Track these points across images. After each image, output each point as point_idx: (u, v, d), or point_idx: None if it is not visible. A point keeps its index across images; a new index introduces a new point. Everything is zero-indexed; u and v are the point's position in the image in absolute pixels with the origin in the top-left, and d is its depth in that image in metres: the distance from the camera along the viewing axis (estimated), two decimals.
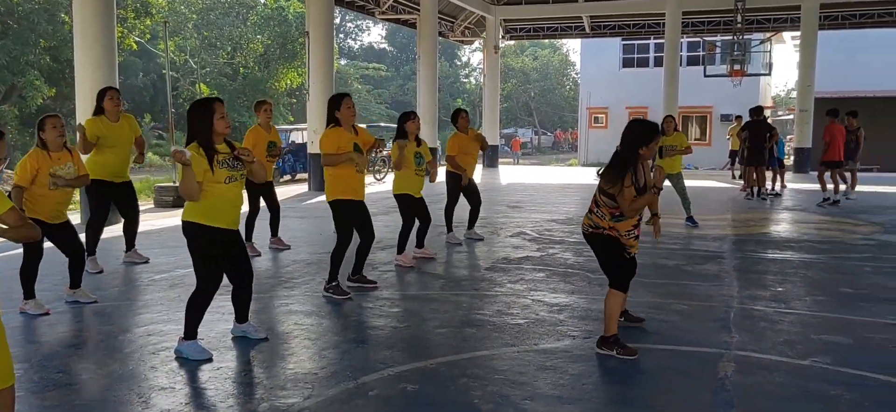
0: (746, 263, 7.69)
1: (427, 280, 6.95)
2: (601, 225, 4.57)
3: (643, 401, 3.96)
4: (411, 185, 7.42)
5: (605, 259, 4.67)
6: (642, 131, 4.49)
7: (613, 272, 4.60)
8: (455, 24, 27.18)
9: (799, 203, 13.58)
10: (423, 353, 4.67)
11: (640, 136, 4.46)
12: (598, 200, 4.57)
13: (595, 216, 4.60)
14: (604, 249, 4.63)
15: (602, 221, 4.56)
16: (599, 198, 4.55)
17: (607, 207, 4.51)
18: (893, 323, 5.36)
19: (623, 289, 4.59)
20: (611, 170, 4.47)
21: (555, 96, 60.02)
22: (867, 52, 30.07)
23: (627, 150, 4.46)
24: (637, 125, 4.57)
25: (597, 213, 4.58)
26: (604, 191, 4.50)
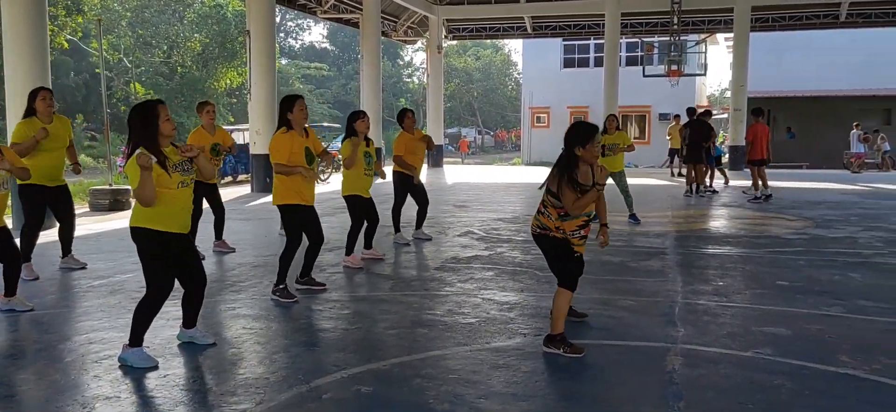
0: (688, 259, 7.90)
1: (376, 281, 6.91)
2: (549, 226, 4.62)
3: (595, 396, 4.02)
4: (360, 186, 7.38)
5: (553, 259, 4.72)
6: (577, 132, 4.53)
7: (562, 271, 4.66)
8: (398, 24, 27.12)
9: (736, 199, 14.01)
10: (375, 355, 4.64)
11: (575, 137, 4.50)
12: (545, 201, 4.62)
13: (543, 217, 4.65)
14: (552, 250, 4.68)
15: (549, 222, 4.61)
16: (547, 198, 4.61)
17: (554, 208, 4.57)
18: (827, 313, 5.58)
19: (572, 288, 4.64)
20: (554, 170, 4.54)
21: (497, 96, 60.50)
22: (795, 53, 31.28)
23: (567, 153, 4.53)
24: (574, 127, 4.62)
25: (545, 214, 4.63)
26: (550, 191, 4.56)
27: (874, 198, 14.41)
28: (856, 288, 6.46)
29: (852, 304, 5.84)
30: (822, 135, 27.42)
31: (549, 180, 4.60)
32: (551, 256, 4.72)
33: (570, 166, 4.48)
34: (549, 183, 4.59)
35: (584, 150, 4.47)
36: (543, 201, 4.65)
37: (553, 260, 4.72)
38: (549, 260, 4.77)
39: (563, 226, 4.58)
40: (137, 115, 4.34)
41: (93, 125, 35.51)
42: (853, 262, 7.59)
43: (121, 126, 35.32)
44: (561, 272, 4.66)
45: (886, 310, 5.71)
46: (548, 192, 4.58)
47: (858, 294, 6.21)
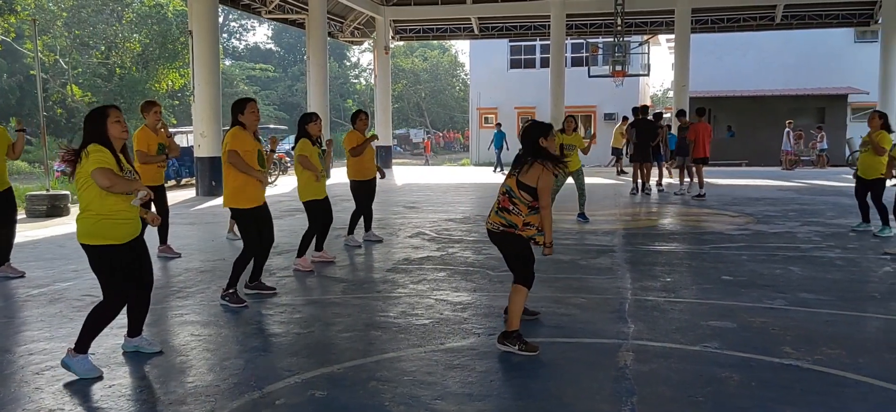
0: (637, 256, 8.04)
1: (328, 284, 6.84)
2: (516, 222, 4.64)
3: (550, 393, 4.05)
4: (317, 189, 7.33)
5: (512, 257, 4.73)
6: (538, 127, 4.69)
7: (521, 269, 4.68)
8: (344, 25, 26.93)
9: (680, 198, 14.32)
10: (329, 358, 4.59)
11: (537, 131, 4.65)
12: (514, 197, 4.63)
13: (509, 214, 4.66)
14: (512, 247, 4.71)
15: (517, 218, 4.63)
16: (518, 193, 4.61)
17: (524, 203, 4.59)
18: (771, 306, 5.75)
19: (529, 285, 4.68)
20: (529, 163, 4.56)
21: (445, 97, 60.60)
22: (734, 54, 32.20)
23: (532, 146, 4.60)
24: (532, 124, 4.75)
25: (512, 212, 4.64)
26: (522, 185, 4.58)
27: (810, 194, 14.92)
28: (796, 281, 6.67)
29: (794, 297, 6.03)
30: (760, 133, 28.25)
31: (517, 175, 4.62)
32: (510, 254, 4.74)
33: (540, 153, 4.57)
34: (519, 177, 4.60)
35: (547, 142, 4.62)
36: (511, 198, 4.65)
37: (512, 258, 4.74)
38: (507, 258, 4.79)
39: (531, 221, 4.62)
40: (89, 120, 4.30)
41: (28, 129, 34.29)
42: (793, 256, 7.84)
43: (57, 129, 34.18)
44: (519, 270, 4.69)
45: (826, 301, 5.91)
46: (520, 187, 4.60)
47: (799, 287, 6.41)
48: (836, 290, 6.30)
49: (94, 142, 4.19)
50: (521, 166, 4.62)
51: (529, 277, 4.67)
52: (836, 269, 7.19)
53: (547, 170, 4.52)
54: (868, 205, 9.31)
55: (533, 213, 4.62)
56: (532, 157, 4.59)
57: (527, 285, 4.67)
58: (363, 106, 48.88)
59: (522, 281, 4.66)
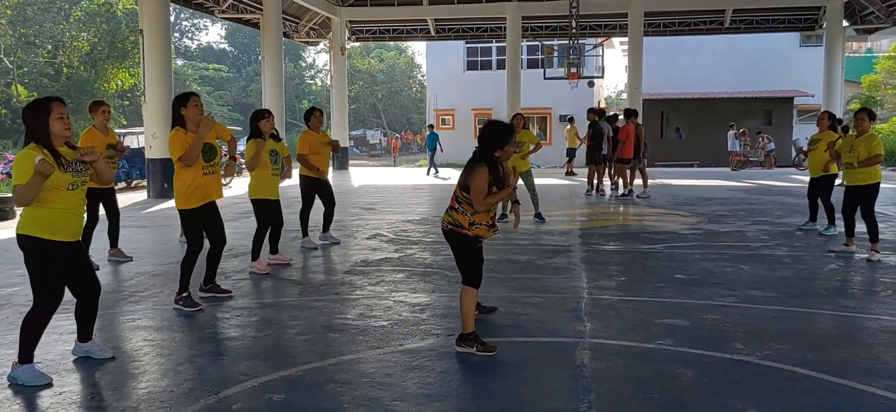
0: (592, 255, 8.15)
1: (284, 286, 6.76)
2: (461, 222, 4.66)
3: (508, 392, 4.08)
4: (268, 188, 7.22)
5: (461, 256, 4.75)
6: (496, 133, 4.64)
7: (468, 269, 4.70)
8: (300, 25, 26.69)
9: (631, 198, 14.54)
10: (286, 362, 4.54)
11: (494, 138, 4.62)
12: (459, 197, 4.66)
13: (456, 213, 4.68)
14: (461, 247, 4.72)
15: (462, 218, 4.65)
16: (460, 194, 4.64)
17: (467, 203, 4.61)
18: (722, 304, 5.88)
19: (476, 285, 4.69)
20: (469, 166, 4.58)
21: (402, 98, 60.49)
22: (685, 57, 32.89)
23: (486, 150, 4.61)
24: (492, 127, 4.71)
25: (458, 210, 4.66)
26: (464, 186, 4.60)
27: (759, 194, 15.31)
28: (746, 279, 6.84)
29: (744, 294, 6.18)
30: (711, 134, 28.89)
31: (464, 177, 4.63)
32: (458, 253, 4.76)
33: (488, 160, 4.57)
34: (464, 179, 4.62)
35: (502, 151, 4.61)
36: (458, 198, 4.67)
37: (459, 257, 4.76)
38: (456, 256, 4.80)
39: (476, 220, 4.64)
40: (28, 112, 4.12)
41: None
42: (743, 255, 8.03)
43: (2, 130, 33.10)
44: (466, 270, 4.70)
45: (774, 298, 6.07)
46: (462, 188, 4.62)
47: (749, 284, 6.58)
48: (783, 288, 6.47)
49: (35, 139, 4.04)
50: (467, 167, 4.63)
51: (476, 277, 4.68)
52: (783, 267, 7.39)
53: (483, 172, 4.51)
54: (817, 204, 9.59)
55: (477, 213, 4.63)
56: (480, 158, 4.59)
57: (474, 285, 4.68)
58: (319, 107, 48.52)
59: (469, 281, 4.68)
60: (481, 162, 4.55)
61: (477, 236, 4.68)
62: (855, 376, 4.18)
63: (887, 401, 3.85)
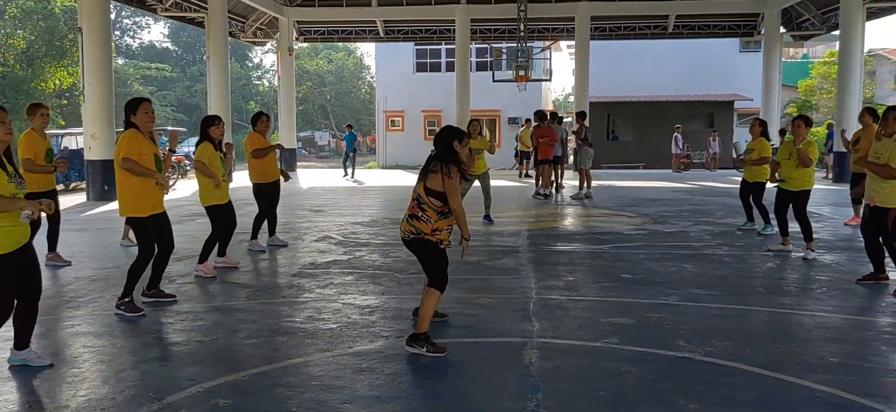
0: (540, 256, 8.24)
1: (231, 289, 6.65)
2: (423, 230, 4.66)
3: (458, 393, 4.09)
4: (219, 193, 7.13)
5: (427, 261, 4.75)
6: (453, 131, 4.76)
7: (436, 273, 4.71)
8: (246, 25, 26.30)
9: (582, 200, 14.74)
10: (233, 366, 4.47)
11: (452, 134, 4.72)
12: (422, 203, 4.65)
13: (418, 222, 4.68)
14: (427, 252, 4.73)
15: (425, 226, 4.65)
16: (426, 199, 4.63)
17: (433, 209, 4.62)
18: (666, 302, 6.02)
19: (442, 289, 4.71)
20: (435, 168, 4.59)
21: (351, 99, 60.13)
22: (631, 60, 33.53)
23: (446, 148, 4.64)
24: (447, 128, 4.81)
25: (421, 218, 4.66)
26: (430, 191, 4.60)
27: (701, 195, 15.71)
28: (689, 278, 7.02)
29: (687, 293, 6.34)
30: (657, 137, 29.50)
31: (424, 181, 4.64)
32: (424, 258, 4.76)
33: (452, 158, 4.61)
34: (426, 183, 4.62)
35: (461, 145, 4.68)
36: (420, 205, 4.67)
37: (426, 262, 4.76)
38: (423, 262, 4.80)
39: (440, 226, 4.65)
40: None
41: None
42: (686, 254, 8.23)
43: None
44: (434, 273, 4.71)
45: (715, 296, 6.24)
46: (428, 193, 4.62)
47: (692, 283, 6.75)
48: (724, 286, 6.66)
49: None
50: (427, 171, 4.65)
51: (443, 282, 4.71)
52: (724, 266, 7.60)
53: (452, 171, 4.57)
54: (751, 205, 9.89)
55: (442, 219, 4.66)
56: (444, 160, 4.62)
57: (440, 289, 4.70)
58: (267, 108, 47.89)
59: (436, 285, 4.69)
60: (451, 164, 4.58)
61: (440, 241, 4.71)
62: (791, 370, 4.33)
63: (822, 393, 4.00)
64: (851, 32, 19.07)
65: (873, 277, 6.62)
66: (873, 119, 9.27)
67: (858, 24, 19.10)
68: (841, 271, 7.30)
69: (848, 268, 7.43)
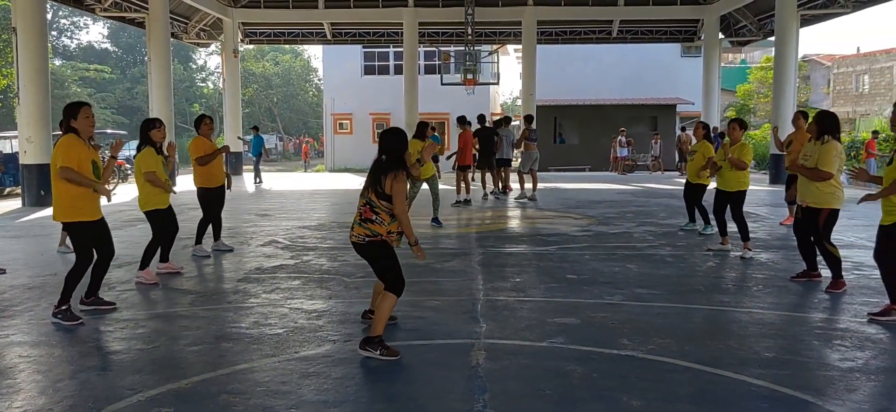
0: (488, 258, 8.30)
1: (174, 296, 6.52)
2: (379, 231, 4.65)
3: (406, 395, 4.10)
4: (160, 198, 6.97)
5: (381, 265, 4.74)
6: (399, 135, 4.76)
7: (391, 276, 4.70)
8: (189, 26, 25.80)
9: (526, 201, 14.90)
10: (176, 374, 4.38)
11: (402, 140, 4.72)
12: (375, 207, 4.64)
13: (371, 225, 4.66)
14: (380, 256, 4.72)
15: (380, 228, 4.64)
16: (377, 203, 4.63)
17: (386, 212, 4.62)
18: (610, 302, 6.14)
19: (400, 291, 4.70)
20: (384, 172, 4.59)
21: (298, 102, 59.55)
22: (577, 65, 34.06)
23: (393, 154, 4.64)
24: (392, 131, 4.79)
25: (375, 221, 4.65)
26: (381, 195, 4.59)
27: (645, 197, 16.05)
28: (633, 277, 7.17)
29: (630, 292, 6.48)
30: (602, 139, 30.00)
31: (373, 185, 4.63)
32: (379, 263, 4.74)
33: (400, 163, 4.61)
34: (376, 186, 4.61)
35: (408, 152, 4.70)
36: (372, 208, 4.65)
37: (381, 266, 4.74)
38: (377, 267, 4.78)
39: (394, 228, 4.66)
40: None
41: None
42: (630, 255, 8.41)
43: None
44: (390, 277, 4.70)
45: (658, 295, 6.39)
46: (379, 197, 4.61)
47: (635, 283, 6.90)
48: (666, 285, 6.83)
49: None
50: (377, 175, 4.64)
51: (399, 284, 4.70)
52: (667, 266, 7.79)
53: (400, 175, 4.58)
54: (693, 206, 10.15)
55: (395, 221, 4.67)
56: (390, 164, 4.61)
57: (397, 292, 4.69)
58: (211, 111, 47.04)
59: (392, 288, 4.68)
60: (397, 167, 4.58)
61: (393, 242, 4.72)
62: (729, 366, 4.47)
63: (757, 387, 4.14)
64: (786, 39, 19.75)
65: (806, 275, 6.88)
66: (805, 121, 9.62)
67: (793, 30, 19.80)
68: (776, 269, 7.56)
69: (782, 266, 7.70)
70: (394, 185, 4.56)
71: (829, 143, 6.31)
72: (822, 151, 6.31)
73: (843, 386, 4.17)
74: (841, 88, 45.35)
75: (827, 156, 6.27)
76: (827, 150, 6.29)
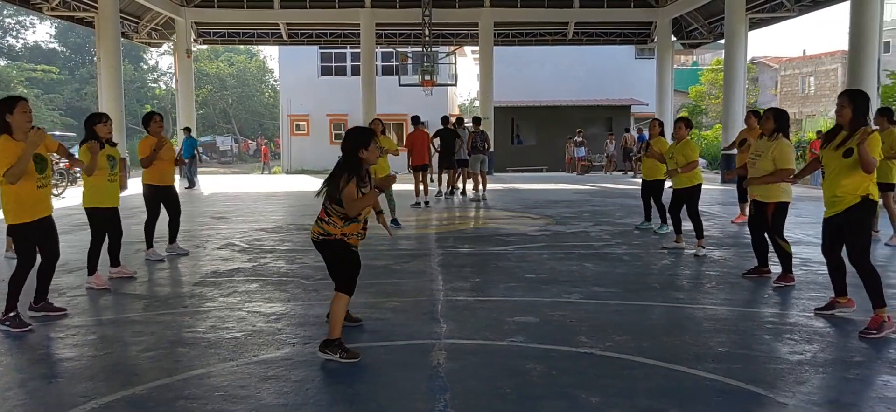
0: (448, 258, 8.32)
1: (127, 301, 6.38)
2: (332, 232, 4.62)
3: (367, 397, 4.08)
4: (105, 196, 6.79)
5: (334, 264, 4.71)
6: (360, 136, 4.67)
7: (341, 276, 4.67)
8: (140, 25, 25.30)
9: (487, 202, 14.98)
10: (130, 380, 4.29)
11: (358, 140, 4.63)
12: (328, 209, 4.61)
13: (325, 224, 4.63)
14: (333, 254, 4.69)
15: (333, 229, 4.61)
16: (330, 207, 4.59)
17: (337, 215, 4.58)
18: (568, 300, 6.21)
19: (349, 292, 4.68)
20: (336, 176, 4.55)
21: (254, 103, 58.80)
22: (533, 66, 34.36)
23: (350, 156, 4.59)
24: (355, 132, 4.73)
25: (328, 222, 4.62)
26: (333, 198, 4.56)
27: (602, 196, 16.27)
28: (590, 276, 7.26)
29: (588, 291, 6.56)
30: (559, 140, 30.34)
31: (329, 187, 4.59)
32: (331, 262, 4.72)
33: (354, 168, 4.55)
34: (331, 189, 4.57)
35: (367, 153, 4.61)
36: (326, 210, 4.62)
37: (332, 265, 4.72)
38: (329, 266, 4.75)
39: (347, 231, 4.62)
40: None
41: None
42: (587, 254, 8.51)
43: None
44: (339, 276, 4.67)
45: (615, 293, 6.49)
46: (331, 200, 4.57)
47: (592, 281, 6.99)
48: (623, 283, 6.93)
49: None
50: (331, 177, 4.61)
51: (350, 285, 4.68)
52: (623, 264, 7.91)
53: (351, 181, 4.52)
54: (650, 205, 10.33)
55: (349, 224, 4.63)
56: (345, 167, 4.58)
57: (347, 293, 4.67)
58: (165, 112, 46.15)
59: (343, 288, 4.66)
60: (345, 171, 4.53)
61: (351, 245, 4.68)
62: (684, 361, 4.56)
63: (711, 381, 4.23)
64: (735, 41, 20.25)
65: (757, 271, 7.05)
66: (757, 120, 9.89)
67: (741, 33, 20.31)
68: (728, 266, 7.74)
69: (735, 263, 7.89)
70: (343, 192, 4.51)
71: (783, 142, 6.47)
72: (779, 151, 6.43)
73: (793, 378, 4.29)
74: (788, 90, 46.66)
75: (786, 154, 6.42)
76: (785, 149, 6.43)
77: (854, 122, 5.16)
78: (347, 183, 4.49)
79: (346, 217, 4.59)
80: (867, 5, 14.30)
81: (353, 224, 4.64)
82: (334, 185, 4.54)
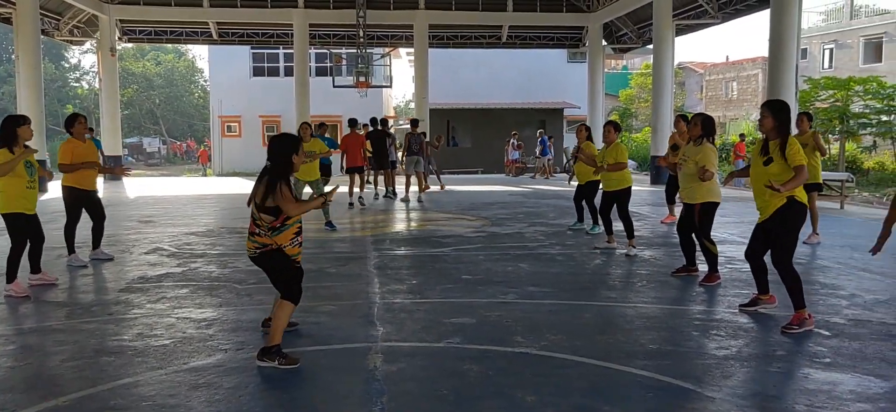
0: (384, 261, 8.27)
1: (48, 309, 6.11)
2: (266, 243, 4.52)
3: (302, 402, 4.02)
4: (23, 201, 6.49)
5: (275, 274, 4.62)
6: (289, 141, 4.61)
7: (285, 285, 4.58)
8: (61, 23, 24.29)
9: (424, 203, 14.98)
10: (51, 391, 4.10)
11: (288, 145, 4.56)
12: (257, 221, 4.51)
13: (257, 237, 4.53)
14: (273, 265, 4.59)
15: (267, 240, 4.51)
16: (259, 216, 4.49)
17: (266, 224, 4.48)
18: (504, 301, 6.26)
19: (295, 300, 4.59)
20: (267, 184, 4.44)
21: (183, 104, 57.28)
22: (468, 69, 34.58)
23: (280, 161, 4.50)
24: (283, 137, 4.65)
25: (259, 234, 4.52)
26: (262, 208, 4.45)
27: (535, 198, 16.49)
28: (525, 276, 7.34)
29: (523, 291, 6.63)
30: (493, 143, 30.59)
31: (257, 196, 4.48)
32: (273, 273, 4.62)
33: (286, 173, 4.47)
34: (258, 199, 4.47)
35: (297, 156, 4.55)
36: (255, 221, 4.51)
37: (275, 276, 4.62)
38: (271, 277, 4.65)
39: (278, 240, 4.52)
40: None
41: None
42: (522, 254, 8.61)
43: None
44: (283, 285, 4.58)
45: (549, 293, 6.58)
46: (260, 210, 4.46)
47: (527, 281, 7.07)
48: (557, 283, 7.04)
49: None
50: (258, 187, 4.49)
51: (296, 293, 4.59)
52: (557, 264, 8.03)
53: (283, 185, 4.42)
54: (582, 206, 10.52)
55: (278, 233, 4.53)
56: (277, 173, 4.47)
57: (293, 301, 4.58)
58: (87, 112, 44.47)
59: (289, 297, 4.56)
60: (276, 179, 4.42)
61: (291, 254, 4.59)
62: (617, 359, 4.66)
63: (643, 378, 4.33)
64: (663, 47, 20.86)
65: (685, 270, 7.27)
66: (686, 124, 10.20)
67: (669, 39, 20.93)
68: (658, 265, 7.95)
69: (664, 262, 8.11)
70: (275, 198, 4.41)
71: (707, 147, 6.76)
72: (703, 155, 6.70)
73: (720, 373, 4.43)
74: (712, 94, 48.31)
75: (710, 156, 6.70)
76: (708, 154, 6.72)
77: (775, 130, 5.39)
78: (283, 188, 4.41)
79: (273, 226, 4.49)
80: (786, 14, 14.93)
81: (284, 232, 4.54)
82: (264, 194, 4.43)
